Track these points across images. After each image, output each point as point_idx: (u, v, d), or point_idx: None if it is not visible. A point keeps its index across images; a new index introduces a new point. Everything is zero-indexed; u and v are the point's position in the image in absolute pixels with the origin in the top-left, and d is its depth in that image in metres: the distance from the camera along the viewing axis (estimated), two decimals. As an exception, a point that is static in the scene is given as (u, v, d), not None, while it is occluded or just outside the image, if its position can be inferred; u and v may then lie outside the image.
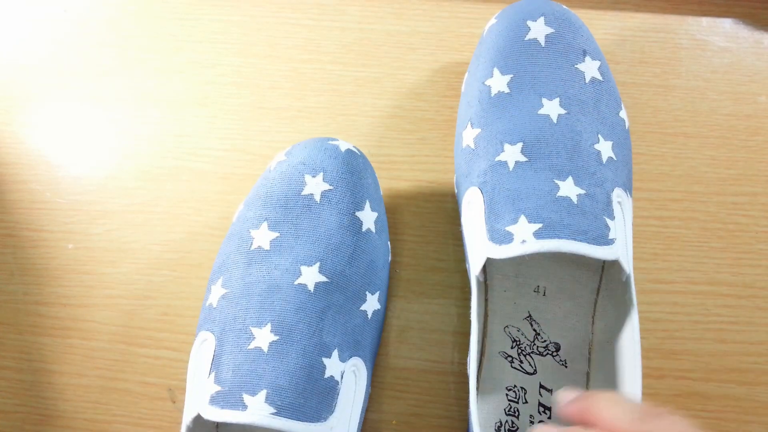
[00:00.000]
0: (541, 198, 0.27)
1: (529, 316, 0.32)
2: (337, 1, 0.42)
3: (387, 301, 0.34)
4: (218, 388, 0.26)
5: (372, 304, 0.30)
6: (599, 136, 0.29)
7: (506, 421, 0.31)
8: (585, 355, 0.32)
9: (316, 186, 0.29)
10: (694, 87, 0.39)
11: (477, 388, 0.29)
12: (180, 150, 0.39)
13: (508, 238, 0.27)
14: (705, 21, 0.40)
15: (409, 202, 0.37)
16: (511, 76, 0.30)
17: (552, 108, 0.29)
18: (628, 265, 0.28)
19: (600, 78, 0.31)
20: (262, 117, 0.40)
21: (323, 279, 0.28)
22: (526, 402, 0.32)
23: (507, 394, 0.32)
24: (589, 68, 0.30)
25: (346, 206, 0.29)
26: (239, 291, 0.29)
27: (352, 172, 0.30)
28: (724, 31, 0.40)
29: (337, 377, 0.27)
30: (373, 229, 0.30)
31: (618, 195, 0.29)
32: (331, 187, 0.29)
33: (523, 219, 0.27)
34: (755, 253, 0.36)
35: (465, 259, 0.31)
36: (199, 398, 0.27)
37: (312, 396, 0.26)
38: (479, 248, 0.28)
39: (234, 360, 0.27)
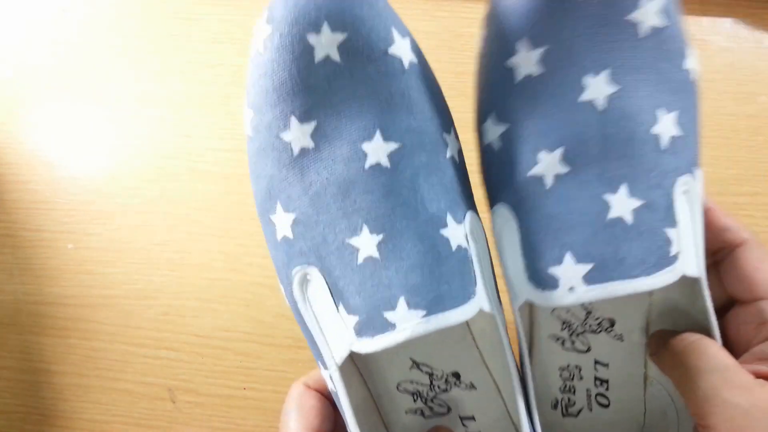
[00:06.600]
0: (589, 226, 0.23)
1: None
2: (337, 1, 0.42)
3: None
4: (356, 318, 0.23)
5: (453, 145, 0.26)
6: (659, 111, 0.23)
7: (562, 399, 0.30)
8: (642, 326, 0.29)
9: (327, 44, 0.22)
10: (694, 87, 0.39)
11: (531, 375, 0.27)
12: (180, 150, 0.39)
13: (552, 282, 0.23)
14: (705, 21, 0.40)
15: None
16: (544, 49, 0.23)
17: (597, 88, 0.23)
18: (697, 270, 0.24)
19: (662, 23, 0.23)
20: (262, 117, 0.40)
21: (394, 146, 0.23)
22: (582, 378, 0.29)
23: (561, 374, 0.30)
24: (647, 14, 0.23)
25: (374, 48, 0.23)
26: (310, 209, 0.24)
27: (361, 3, 0.23)
28: (724, 31, 0.39)
29: (464, 243, 0.24)
30: (415, 59, 0.25)
31: (683, 184, 0.24)
32: (346, 35, 0.22)
33: (569, 258, 0.23)
34: (756, 253, 0.36)
35: (502, 268, 0.27)
36: (345, 335, 0.23)
37: (453, 277, 0.23)
38: (518, 285, 0.25)
39: (352, 282, 0.23)
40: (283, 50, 0.23)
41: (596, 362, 0.29)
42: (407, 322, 0.22)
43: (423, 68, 0.25)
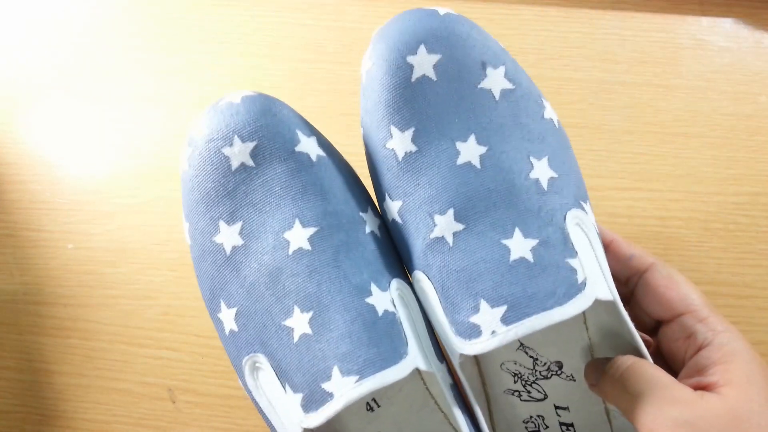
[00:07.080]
0: (495, 271, 0.25)
1: (521, 345, 0.30)
2: (337, 1, 0.41)
3: None
4: (301, 395, 0.25)
5: (372, 221, 0.28)
6: (531, 159, 0.26)
7: None
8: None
9: (240, 153, 0.26)
10: (694, 87, 0.39)
11: None
12: (180, 150, 0.39)
13: (475, 331, 0.25)
14: (705, 21, 0.40)
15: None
16: (413, 129, 0.26)
17: (470, 151, 0.26)
18: (609, 293, 0.25)
19: (510, 86, 0.27)
20: (262, 117, 0.40)
21: (312, 230, 0.26)
22: (547, 427, 0.30)
23: (527, 427, 0.30)
24: (495, 81, 0.26)
25: (281, 150, 0.26)
26: (248, 300, 0.26)
27: (265, 113, 0.26)
28: (724, 31, 0.40)
29: (391, 308, 0.26)
30: (323, 152, 0.28)
31: (574, 217, 0.26)
32: (256, 142, 0.26)
33: (484, 305, 0.24)
34: (756, 253, 0.36)
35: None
36: (295, 414, 0.25)
37: (380, 340, 0.25)
38: (448, 341, 0.26)
39: (293, 361, 0.25)
40: (203, 165, 0.27)
41: (556, 407, 0.30)
42: (342, 389, 0.24)
43: (333, 159, 0.28)
